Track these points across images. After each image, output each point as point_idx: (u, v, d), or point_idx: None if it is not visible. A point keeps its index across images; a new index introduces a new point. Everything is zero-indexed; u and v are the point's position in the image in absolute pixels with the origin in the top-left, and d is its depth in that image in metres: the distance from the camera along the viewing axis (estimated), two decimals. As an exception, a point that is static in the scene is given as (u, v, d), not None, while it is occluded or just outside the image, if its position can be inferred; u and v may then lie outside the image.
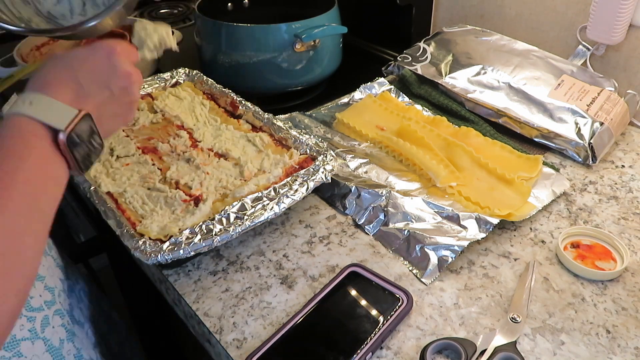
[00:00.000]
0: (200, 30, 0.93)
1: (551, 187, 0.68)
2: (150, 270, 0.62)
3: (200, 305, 0.55)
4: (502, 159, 0.73)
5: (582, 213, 0.66)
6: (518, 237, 0.63)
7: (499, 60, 0.85)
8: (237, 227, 0.56)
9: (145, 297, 0.79)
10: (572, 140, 0.74)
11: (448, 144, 0.74)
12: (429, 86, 0.88)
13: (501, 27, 0.98)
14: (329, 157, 0.65)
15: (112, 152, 0.69)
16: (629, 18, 0.80)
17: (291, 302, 0.55)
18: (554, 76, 0.81)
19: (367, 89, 0.90)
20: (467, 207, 0.65)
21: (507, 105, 0.79)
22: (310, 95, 0.95)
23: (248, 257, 0.61)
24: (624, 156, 0.77)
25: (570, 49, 0.90)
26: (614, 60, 0.86)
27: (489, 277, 0.58)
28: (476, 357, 0.49)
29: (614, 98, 0.78)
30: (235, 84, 0.82)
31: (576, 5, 0.87)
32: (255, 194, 0.59)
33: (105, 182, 0.64)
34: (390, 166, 0.72)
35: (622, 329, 0.52)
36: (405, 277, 0.58)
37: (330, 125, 0.82)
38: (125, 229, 0.56)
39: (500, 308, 0.54)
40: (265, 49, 0.85)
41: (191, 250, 0.54)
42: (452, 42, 0.91)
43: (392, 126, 0.79)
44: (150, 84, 0.84)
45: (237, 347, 0.51)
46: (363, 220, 0.64)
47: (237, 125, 0.75)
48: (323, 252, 0.62)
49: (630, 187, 0.71)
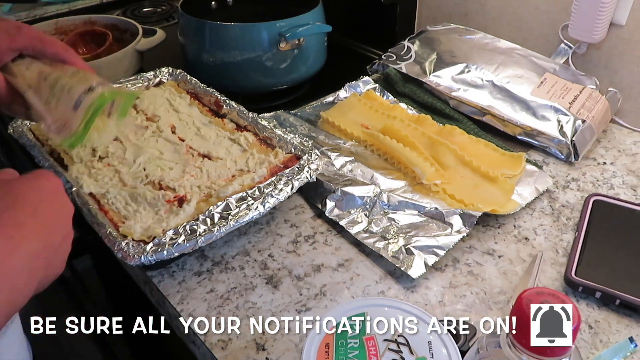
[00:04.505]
0: (183, 29, 0.92)
1: (534, 185, 0.69)
2: (134, 272, 0.62)
3: (184, 306, 0.55)
4: (486, 156, 0.73)
5: (565, 210, 0.67)
6: (502, 235, 0.64)
7: (482, 58, 0.85)
8: (221, 227, 0.56)
9: (130, 299, 0.79)
10: (554, 138, 0.75)
11: (432, 142, 0.74)
12: (414, 85, 0.88)
13: (485, 26, 0.98)
14: (313, 156, 0.65)
15: (94, 152, 0.68)
16: (610, 16, 0.81)
17: (276, 302, 0.55)
18: (536, 74, 0.82)
19: (352, 88, 0.90)
20: (451, 205, 0.65)
21: (490, 103, 0.80)
22: (295, 94, 0.94)
23: (233, 257, 0.61)
24: (606, 153, 0.78)
25: (553, 47, 0.91)
26: (596, 58, 0.87)
27: (473, 274, 0.58)
28: (475, 340, 0.49)
29: (596, 96, 0.79)
30: (220, 83, 0.82)
31: (558, 4, 0.88)
32: (240, 193, 0.59)
33: (88, 183, 0.63)
34: (375, 164, 0.72)
35: (604, 324, 0.53)
36: (390, 276, 0.58)
37: (315, 124, 0.82)
38: (108, 230, 0.56)
39: (484, 305, 0.55)
40: (250, 47, 0.84)
41: (175, 251, 0.53)
42: (436, 41, 0.91)
43: (377, 125, 0.79)
44: (134, 83, 0.83)
45: (222, 348, 0.51)
46: (348, 219, 0.64)
47: (221, 125, 0.74)
48: (308, 252, 0.61)
49: (612, 183, 0.71)
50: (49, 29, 1.00)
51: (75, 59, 0.59)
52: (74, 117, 0.55)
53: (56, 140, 0.57)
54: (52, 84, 0.56)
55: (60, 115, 0.55)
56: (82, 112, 0.54)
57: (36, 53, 0.59)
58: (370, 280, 0.58)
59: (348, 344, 0.47)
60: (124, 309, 0.89)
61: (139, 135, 0.71)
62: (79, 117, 0.55)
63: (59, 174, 0.63)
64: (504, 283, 0.57)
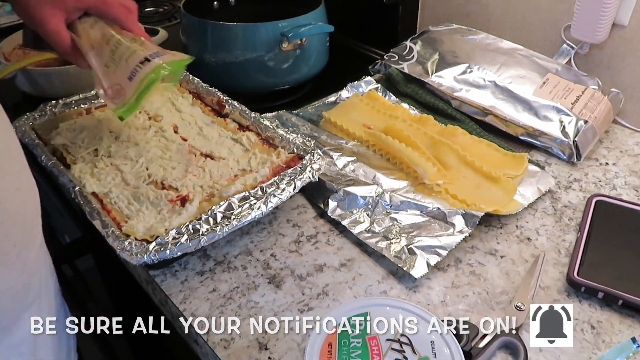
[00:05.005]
0: (186, 29, 0.92)
1: (536, 185, 0.69)
2: (137, 271, 0.62)
3: (187, 306, 0.55)
4: (488, 157, 0.73)
5: (567, 210, 0.67)
6: (504, 235, 0.64)
7: (484, 59, 0.85)
8: (224, 227, 0.56)
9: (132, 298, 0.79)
10: (557, 138, 0.75)
11: (435, 142, 0.74)
12: (416, 85, 0.88)
13: (487, 26, 0.98)
14: (316, 156, 0.65)
15: (96, 152, 0.68)
16: (612, 17, 0.81)
17: (279, 302, 0.55)
18: (539, 75, 0.82)
19: (354, 88, 0.90)
20: (454, 205, 0.65)
21: (493, 103, 0.80)
22: (297, 94, 0.95)
23: (235, 256, 0.61)
24: (608, 154, 0.78)
25: (555, 47, 0.91)
26: (598, 58, 0.87)
27: (475, 274, 0.58)
28: (477, 340, 0.49)
29: (598, 96, 0.79)
30: (222, 83, 0.82)
31: (561, 5, 0.88)
32: (243, 193, 0.59)
33: (90, 182, 0.63)
34: (377, 164, 0.72)
35: (607, 324, 0.53)
36: (393, 276, 0.58)
37: (317, 124, 0.82)
38: (111, 230, 0.56)
39: (486, 305, 0.55)
40: (252, 47, 0.84)
41: (178, 250, 0.53)
42: (439, 41, 0.91)
43: (379, 125, 0.79)
44: (136, 83, 0.83)
45: (224, 347, 0.51)
46: (351, 219, 0.64)
47: (223, 125, 0.74)
48: (311, 251, 0.61)
49: (614, 184, 0.71)
50: (51, 28, 1.00)
51: (132, 26, 0.62)
52: (128, 87, 0.56)
53: (109, 108, 0.58)
54: (113, 48, 0.58)
55: (116, 82, 0.57)
56: (136, 84, 0.55)
57: (99, 14, 0.61)
58: (373, 280, 0.58)
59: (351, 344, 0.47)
60: (126, 308, 0.89)
61: (142, 134, 0.71)
62: (133, 87, 0.56)
63: (61, 173, 0.63)
64: (506, 283, 0.57)
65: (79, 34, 0.60)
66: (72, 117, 0.76)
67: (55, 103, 0.77)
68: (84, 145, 0.69)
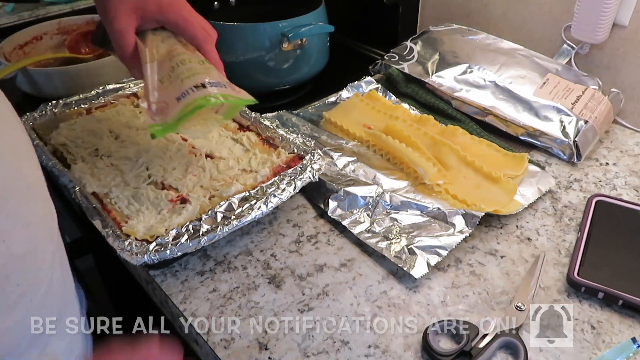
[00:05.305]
0: (186, 28, 0.92)
1: (537, 185, 0.69)
2: (137, 271, 0.62)
3: (187, 306, 0.55)
4: (489, 157, 0.73)
5: (567, 210, 0.67)
6: (504, 235, 0.64)
7: (485, 59, 0.85)
8: (224, 227, 0.56)
9: (132, 298, 0.79)
10: (557, 138, 0.75)
11: (435, 142, 0.74)
12: (416, 85, 0.88)
13: (487, 26, 0.98)
14: (316, 156, 0.65)
15: (96, 152, 0.68)
16: (613, 17, 0.81)
17: (279, 302, 0.55)
18: (539, 75, 0.82)
19: (355, 88, 0.90)
20: (454, 205, 0.65)
21: (493, 103, 0.80)
22: (297, 94, 0.94)
23: (235, 257, 0.61)
24: (608, 154, 0.78)
25: (555, 47, 0.91)
26: (598, 58, 0.87)
27: (475, 274, 0.58)
28: (477, 340, 0.49)
29: (598, 96, 0.79)
30: (222, 83, 0.82)
31: (561, 5, 0.88)
32: (243, 193, 0.59)
33: (90, 182, 0.63)
34: (377, 164, 0.72)
35: (607, 324, 0.53)
36: (393, 276, 0.58)
37: (317, 124, 0.82)
38: (111, 230, 0.56)
39: (487, 305, 0.55)
40: (252, 48, 0.84)
41: (178, 250, 0.54)
42: (439, 41, 0.91)
43: (380, 125, 0.79)
44: (137, 83, 0.83)
45: (224, 347, 0.51)
46: (351, 219, 0.64)
47: (224, 125, 0.74)
48: (311, 252, 0.61)
49: (614, 184, 0.71)
50: (51, 28, 1.01)
51: (208, 48, 0.60)
52: (173, 107, 0.53)
53: (147, 121, 0.54)
54: (174, 65, 0.55)
55: (164, 99, 0.54)
56: (182, 107, 0.52)
57: (177, 30, 0.60)
58: (373, 280, 0.58)
59: None
60: (126, 308, 0.89)
61: (142, 134, 0.71)
62: (178, 109, 0.53)
63: (61, 173, 0.63)
64: (506, 283, 0.57)
65: (146, 43, 0.57)
66: (72, 117, 0.76)
67: (55, 103, 0.77)
68: (84, 145, 0.69)
